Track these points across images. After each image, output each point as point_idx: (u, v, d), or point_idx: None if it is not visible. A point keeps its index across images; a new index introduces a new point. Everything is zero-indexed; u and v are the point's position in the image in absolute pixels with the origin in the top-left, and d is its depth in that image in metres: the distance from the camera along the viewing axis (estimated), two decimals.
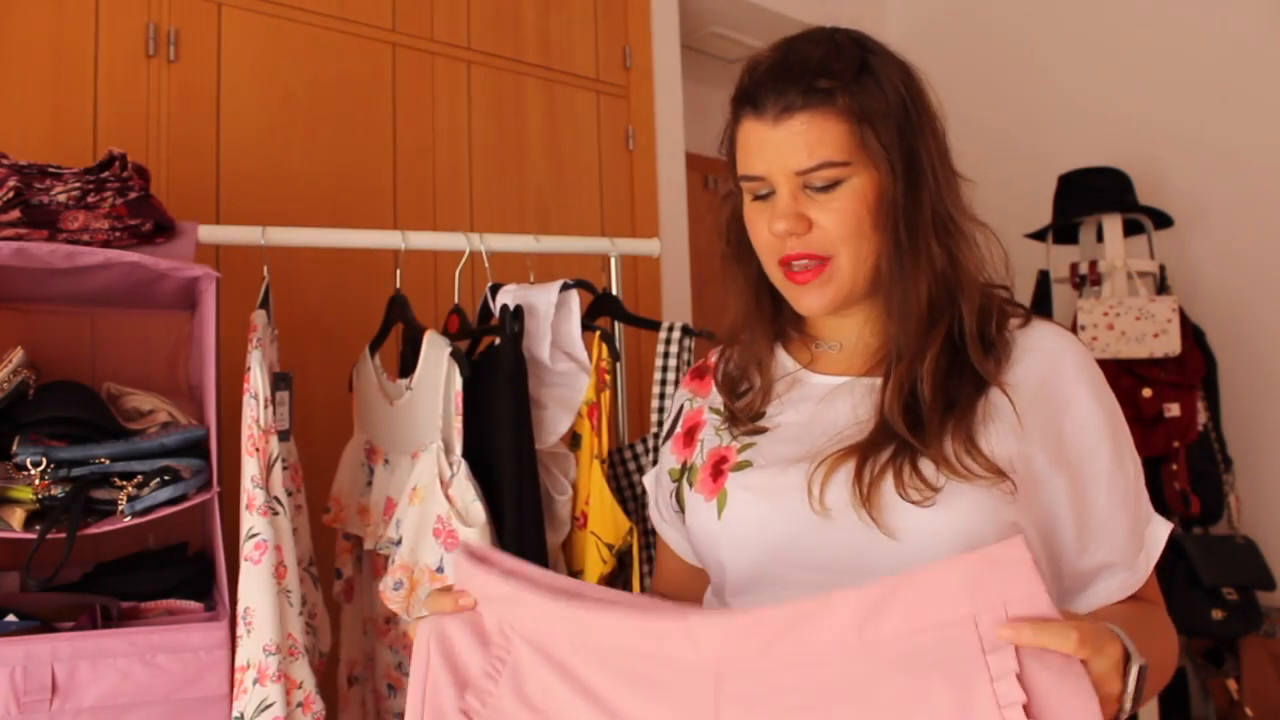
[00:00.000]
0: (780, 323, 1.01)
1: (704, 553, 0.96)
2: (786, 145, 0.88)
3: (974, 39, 3.35)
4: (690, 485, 0.97)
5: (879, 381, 0.91)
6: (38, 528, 1.19)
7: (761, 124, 0.89)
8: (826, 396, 0.93)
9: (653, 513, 1.09)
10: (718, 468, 0.95)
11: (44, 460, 1.20)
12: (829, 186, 0.88)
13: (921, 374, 0.87)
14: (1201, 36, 2.84)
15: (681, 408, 1.07)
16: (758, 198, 0.93)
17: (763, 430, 0.95)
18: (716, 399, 1.02)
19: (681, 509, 1.00)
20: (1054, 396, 0.87)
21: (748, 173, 0.92)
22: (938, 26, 3.44)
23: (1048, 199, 2.68)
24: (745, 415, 0.96)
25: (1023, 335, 0.91)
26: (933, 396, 0.86)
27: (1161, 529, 0.91)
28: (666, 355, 1.55)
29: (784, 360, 1.00)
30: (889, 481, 0.83)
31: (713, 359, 1.06)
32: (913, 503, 0.81)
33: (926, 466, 0.83)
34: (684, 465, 1.01)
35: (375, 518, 1.50)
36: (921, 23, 3.48)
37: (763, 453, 0.92)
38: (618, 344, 1.66)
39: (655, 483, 1.09)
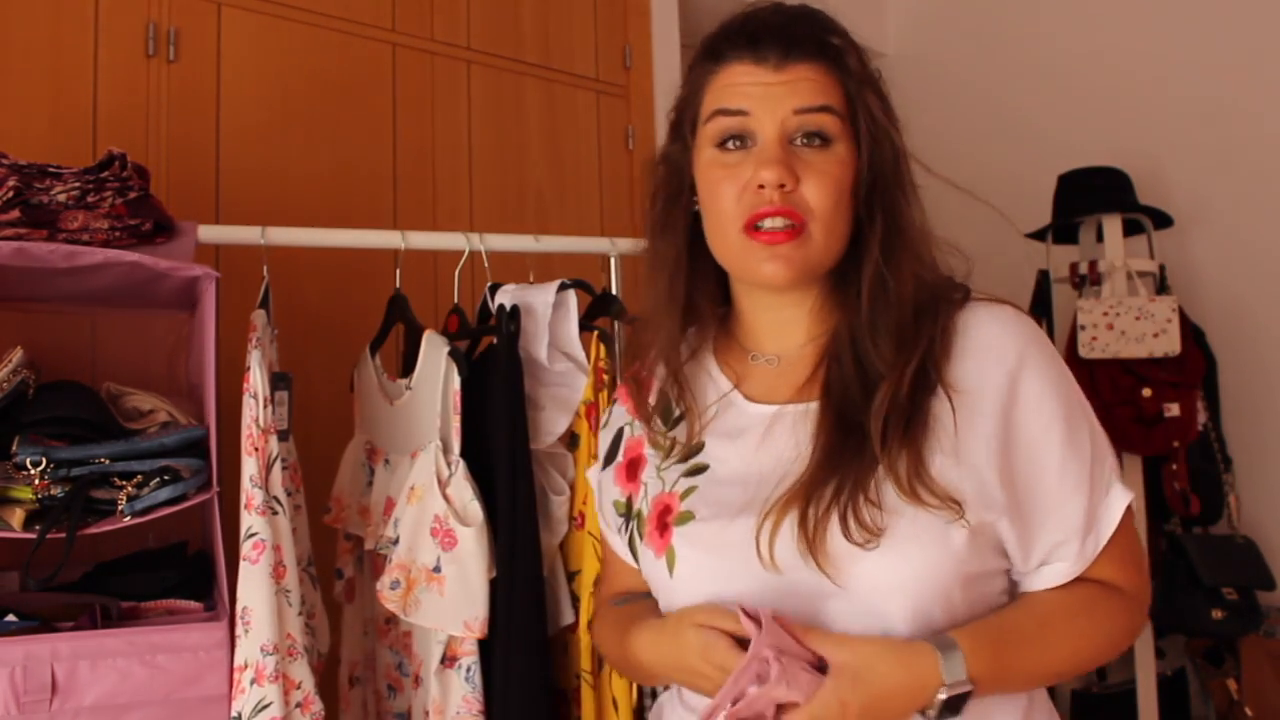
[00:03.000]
0: (706, 320, 0.94)
1: (661, 601, 0.92)
2: (787, 89, 0.82)
3: (973, 39, 3.35)
4: (640, 536, 0.93)
5: (814, 407, 0.85)
6: (38, 528, 1.19)
7: (760, 69, 0.83)
8: (766, 429, 0.88)
9: (600, 522, 1.05)
10: (662, 520, 0.90)
11: (44, 460, 1.20)
12: (820, 143, 0.82)
13: (905, 382, 0.81)
14: (1202, 36, 2.84)
15: (621, 432, 1.01)
16: (727, 146, 0.85)
17: (702, 469, 0.90)
18: (654, 426, 0.96)
19: (635, 555, 0.96)
20: (993, 390, 0.82)
21: (728, 106, 0.84)
22: (937, 27, 3.43)
23: (1048, 199, 2.68)
24: (683, 451, 0.91)
25: (962, 324, 0.85)
26: (907, 408, 0.81)
27: (1118, 501, 0.85)
28: None
29: (717, 377, 0.94)
30: (834, 526, 0.79)
31: (644, 372, 0.99)
32: (857, 545, 0.78)
33: (870, 507, 0.78)
34: (629, 503, 0.96)
35: (376, 518, 1.50)
36: (921, 23, 3.48)
37: (705, 499, 0.87)
38: (617, 344, 1.66)
39: (598, 493, 1.04)
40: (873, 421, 0.80)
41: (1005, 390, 0.82)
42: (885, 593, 0.78)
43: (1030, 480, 0.82)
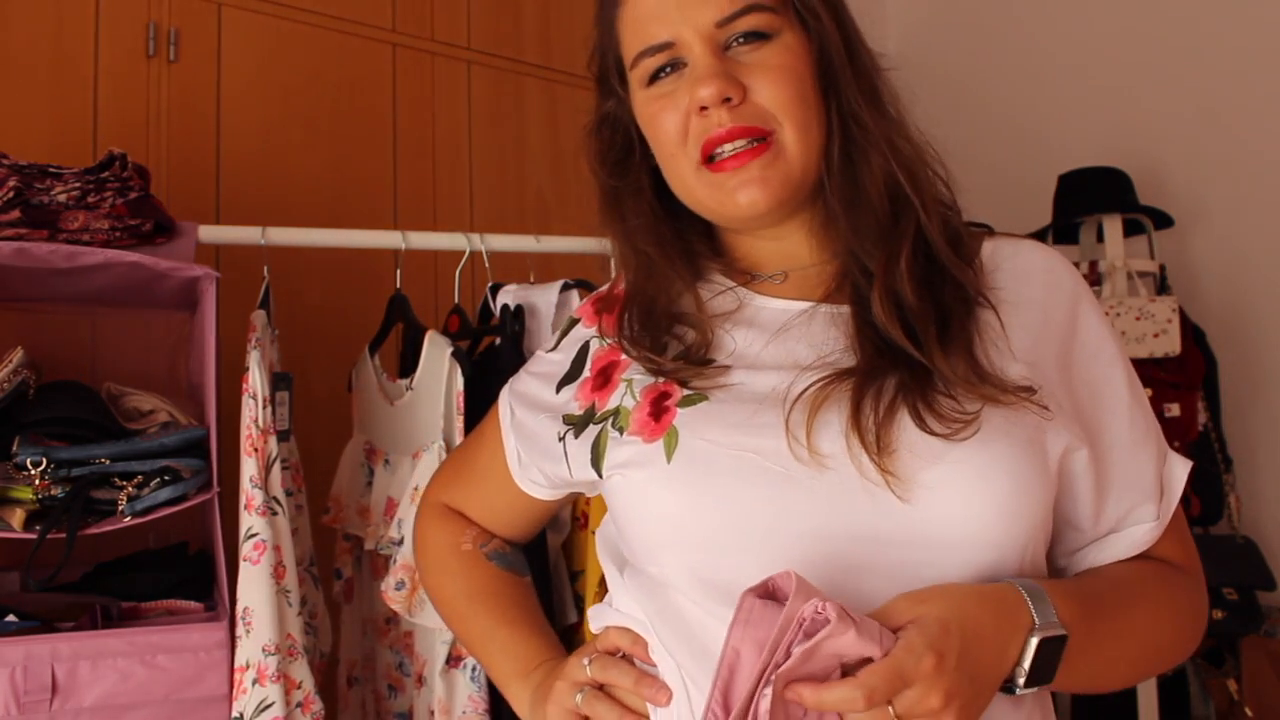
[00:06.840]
0: (696, 261, 0.79)
1: (635, 519, 0.71)
2: (696, 1, 0.71)
3: (974, 38, 3.35)
4: (620, 431, 0.72)
5: (845, 310, 0.71)
6: (38, 528, 1.19)
7: None
8: (784, 328, 0.72)
9: (509, 446, 0.85)
10: (659, 405, 0.71)
11: (44, 460, 1.20)
12: (757, 39, 0.70)
13: (900, 278, 0.68)
14: (1202, 36, 2.84)
15: (587, 346, 0.82)
16: (658, 78, 0.73)
17: (709, 364, 0.72)
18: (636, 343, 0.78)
19: (597, 462, 0.74)
20: (1054, 319, 0.70)
21: (649, 43, 0.72)
22: (937, 26, 3.43)
23: (1048, 199, 2.68)
24: (684, 353, 0.74)
25: (996, 252, 0.74)
26: (920, 307, 0.67)
27: (1179, 468, 0.74)
28: None
29: (719, 281, 0.79)
30: (903, 415, 0.63)
31: (616, 290, 0.84)
32: (939, 435, 0.61)
33: (947, 400, 0.63)
34: (590, 412, 0.77)
35: (375, 518, 1.50)
36: (921, 22, 3.48)
37: (718, 383, 0.70)
38: None
39: (513, 413, 0.85)
40: (889, 327, 0.66)
41: (1064, 319, 0.70)
42: (964, 514, 0.61)
43: (1098, 424, 0.69)
